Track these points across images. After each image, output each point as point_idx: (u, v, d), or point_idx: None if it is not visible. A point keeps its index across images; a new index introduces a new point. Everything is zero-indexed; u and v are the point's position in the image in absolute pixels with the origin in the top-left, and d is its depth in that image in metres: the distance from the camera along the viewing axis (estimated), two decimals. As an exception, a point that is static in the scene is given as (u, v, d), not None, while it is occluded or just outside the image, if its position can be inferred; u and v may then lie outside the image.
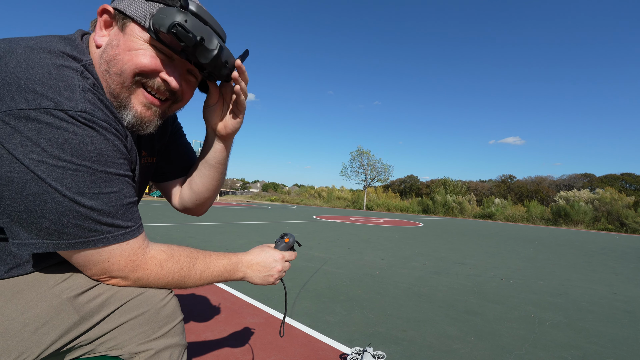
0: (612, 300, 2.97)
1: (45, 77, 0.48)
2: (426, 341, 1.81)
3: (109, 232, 0.53)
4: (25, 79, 0.47)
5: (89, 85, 0.53)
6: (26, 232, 0.49)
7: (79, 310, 0.55)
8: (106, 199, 0.52)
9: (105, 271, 0.56)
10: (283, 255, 0.81)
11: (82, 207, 0.50)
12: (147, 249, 0.60)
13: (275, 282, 0.81)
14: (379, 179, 31.50)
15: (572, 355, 1.76)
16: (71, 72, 0.51)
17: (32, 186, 0.47)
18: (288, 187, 65.36)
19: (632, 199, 19.80)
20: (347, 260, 3.99)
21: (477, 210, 24.49)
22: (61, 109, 0.47)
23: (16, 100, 0.45)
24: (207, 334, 1.71)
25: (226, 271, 0.71)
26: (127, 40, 0.57)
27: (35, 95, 0.46)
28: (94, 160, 0.50)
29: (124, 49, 0.57)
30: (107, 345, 0.58)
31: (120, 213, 0.54)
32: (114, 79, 0.58)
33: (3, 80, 0.46)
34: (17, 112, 0.45)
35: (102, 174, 0.51)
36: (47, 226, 0.49)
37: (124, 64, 0.57)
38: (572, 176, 40.61)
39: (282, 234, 0.86)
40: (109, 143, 0.52)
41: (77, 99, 0.49)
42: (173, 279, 0.62)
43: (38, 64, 0.48)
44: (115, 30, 0.59)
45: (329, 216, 13.75)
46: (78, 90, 0.50)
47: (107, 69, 0.57)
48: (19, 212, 0.48)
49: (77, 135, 0.48)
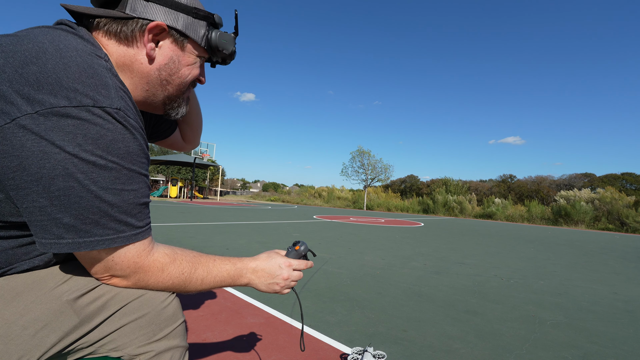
0: (612, 300, 2.97)
1: (83, 76, 0.50)
2: (427, 341, 1.81)
3: (122, 232, 0.54)
4: (66, 78, 0.49)
5: (119, 84, 0.56)
6: (43, 231, 0.50)
7: (79, 313, 0.55)
8: (125, 195, 0.53)
9: (107, 269, 0.56)
10: (290, 263, 0.78)
11: (102, 202, 0.51)
12: (151, 252, 0.60)
13: (283, 291, 0.78)
14: (380, 179, 31.48)
15: (572, 355, 1.76)
16: (104, 71, 0.53)
17: (59, 181, 0.48)
18: (288, 187, 65.38)
19: (633, 199, 19.78)
20: (348, 260, 3.99)
21: (478, 210, 24.48)
22: (100, 106, 0.50)
23: (59, 99, 0.48)
24: (207, 334, 1.72)
25: (230, 277, 0.70)
26: (185, 57, 0.68)
27: (77, 93, 0.49)
28: (122, 156, 0.52)
29: (184, 64, 0.68)
30: (108, 347, 0.58)
31: (135, 211, 0.55)
32: (175, 87, 0.69)
33: (46, 80, 0.48)
34: (60, 109, 0.47)
35: (126, 170, 0.53)
36: (67, 222, 0.50)
37: (185, 77, 0.70)
38: (572, 176, 40.60)
39: (295, 241, 0.82)
40: (136, 142, 0.54)
41: (113, 97, 0.52)
42: (173, 283, 0.62)
43: (74, 64, 0.50)
44: (173, 47, 0.66)
45: (329, 216, 13.75)
46: (112, 88, 0.53)
47: (168, 79, 0.68)
48: (43, 207, 0.49)
49: (110, 132, 0.51)
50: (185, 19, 0.65)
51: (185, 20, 0.65)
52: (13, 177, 0.48)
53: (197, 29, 0.67)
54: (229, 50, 0.72)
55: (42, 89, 0.48)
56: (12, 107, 0.47)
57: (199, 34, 0.67)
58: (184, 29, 0.65)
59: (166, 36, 0.64)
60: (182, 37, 0.66)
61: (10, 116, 0.47)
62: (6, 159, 0.47)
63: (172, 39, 0.65)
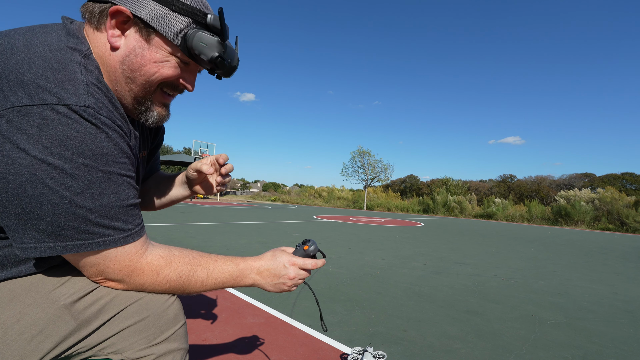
0: (612, 300, 2.97)
1: (48, 72, 0.47)
2: (427, 341, 1.81)
3: (108, 235, 0.52)
4: (28, 74, 0.46)
5: (93, 79, 0.51)
6: (22, 236, 0.48)
7: (76, 317, 0.54)
8: (105, 199, 0.50)
9: (101, 273, 0.55)
10: (295, 261, 0.74)
11: (79, 208, 0.48)
12: (144, 255, 0.58)
13: (292, 289, 0.75)
14: (380, 179, 31.47)
15: (572, 355, 1.76)
16: (74, 65, 0.50)
17: (28, 188, 0.45)
18: (288, 187, 65.33)
19: (633, 199, 19.77)
20: (348, 260, 3.99)
21: (478, 210, 24.47)
22: (64, 103, 0.46)
23: (20, 97, 0.45)
24: (207, 334, 1.71)
25: (232, 278, 0.67)
26: (152, 52, 0.59)
27: (39, 90, 0.45)
28: (95, 158, 0.49)
29: (149, 59, 0.59)
30: (107, 351, 0.57)
31: (119, 215, 0.53)
32: (139, 87, 0.60)
33: (6, 77, 0.45)
34: (21, 108, 0.44)
35: (102, 173, 0.50)
36: (44, 228, 0.48)
37: (151, 75, 0.60)
38: (572, 176, 40.58)
39: (305, 239, 0.80)
40: (111, 141, 0.51)
41: (81, 94, 0.48)
42: (170, 286, 0.60)
43: (40, 59, 0.47)
44: (137, 38, 0.58)
45: (329, 216, 13.75)
46: (82, 84, 0.49)
47: (131, 76, 0.59)
48: (17, 214, 0.47)
49: (79, 132, 0.47)
50: (155, 9, 0.56)
51: (155, 10, 0.56)
52: None
53: (170, 22, 0.57)
54: (207, 56, 0.60)
55: (3, 87, 0.45)
56: None
57: (171, 28, 0.58)
58: (149, 20, 0.56)
59: (131, 25, 0.57)
60: (147, 28, 0.57)
61: None
62: None
63: (136, 28, 0.57)
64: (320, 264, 0.78)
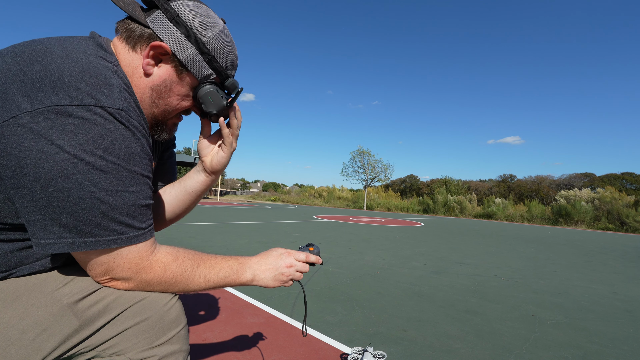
0: (612, 299, 2.97)
1: (86, 75, 0.50)
2: (427, 341, 1.81)
3: (124, 233, 0.53)
4: (69, 77, 0.49)
5: (124, 85, 0.55)
6: (43, 231, 0.49)
7: (79, 317, 0.54)
8: (127, 197, 0.53)
9: (107, 271, 0.56)
10: (289, 251, 0.78)
11: (103, 203, 0.50)
12: (153, 253, 0.59)
13: (288, 282, 0.77)
14: (379, 179, 31.48)
15: (572, 355, 1.76)
16: (107, 72, 0.53)
17: (58, 182, 0.47)
18: (288, 187, 65.38)
19: (633, 199, 19.79)
20: (348, 259, 3.99)
21: (478, 209, 24.48)
22: (101, 105, 0.50)
23: (60, 97, 0.47)
24: (207, 334, 1.71)
25: (233, 272, 0.70)
26: (179, 86, 0.66)
27: (79, 92, 0.48)
28: (123, 157, 0.52)
29: (175, 92, 0.66)
30: (110, 351, 0.57)
31: (137, 213, 0.55)
32: (160, 111, 0.67)
33: (48, 78, 0.48)
34: (61, 107, 0.47)
35: (127, 172, 0.52)
36: (67, 223, 0.49)
37: (174, 105, 0.68)
38: (572, 175, 40.61)
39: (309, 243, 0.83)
40: (138, 143, 0.54)
41: (116, 97, 0.52)
42: (175, 281, 0.62)
43: (78, 63, 0.51)
44: (171, 72, 0.64)
45: (329, 216, 13.75)
46: (116, 88, 0.53)
47: (157, 102, 0.66)
48: (43, 207, 0.48)
49: (111, 132, 0.50)
50: (193, 55, 0.63)
51: (192, 55, 0.63)
52: (12, 177, 0.47)
53: (201, 68, 0.65)
54: (207, 108, 0.68)
55: (44, 87, 0.47)
56: (12, 105, 0.47)
57: (201, 71, 0.66)
58: (185, 61, 0.63)
59: (169, 61, 0.63)
60: (181, 67, 0.64)
61: (9, 114, 0.46)
62: (5, 157, 0.47)
63: (173, 64, 0.64)
64: (314, 259, 0.82)
